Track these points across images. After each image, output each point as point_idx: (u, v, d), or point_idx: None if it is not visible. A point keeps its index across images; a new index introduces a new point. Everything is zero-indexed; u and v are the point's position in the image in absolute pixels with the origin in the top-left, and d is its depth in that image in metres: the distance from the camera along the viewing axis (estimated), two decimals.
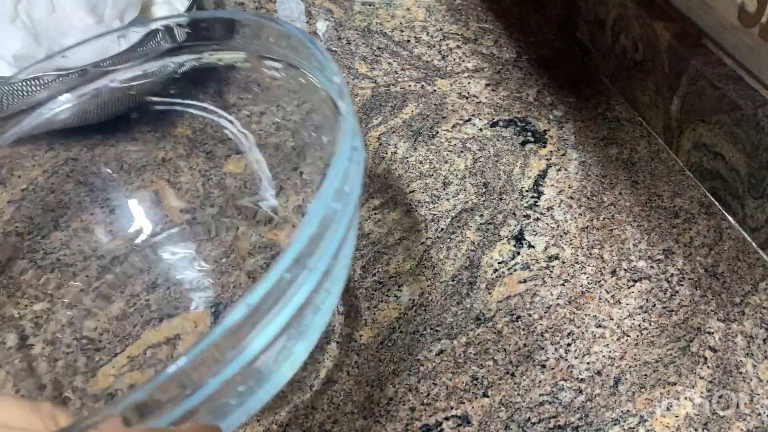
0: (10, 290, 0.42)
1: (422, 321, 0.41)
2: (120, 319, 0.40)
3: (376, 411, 0.37)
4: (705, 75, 0.46)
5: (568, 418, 0.36)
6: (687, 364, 0.39)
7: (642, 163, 0.51)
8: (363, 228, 0.46)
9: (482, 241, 0.45)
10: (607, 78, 0.58)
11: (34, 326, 0.40)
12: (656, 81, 0.51)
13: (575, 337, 0.40)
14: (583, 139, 0.52)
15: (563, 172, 0.50)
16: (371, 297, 0.42)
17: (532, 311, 0.41)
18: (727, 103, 0.44)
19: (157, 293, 0.42)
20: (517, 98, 0.56)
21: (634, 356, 0.39)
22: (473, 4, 0.65)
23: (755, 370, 0.39)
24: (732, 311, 0.41)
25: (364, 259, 0.44)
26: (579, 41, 0.60)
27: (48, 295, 0.41)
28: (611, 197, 0.48)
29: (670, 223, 0.46)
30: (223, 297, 0.41)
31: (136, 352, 0.39)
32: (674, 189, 0.49)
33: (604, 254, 0.44)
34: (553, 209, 0.47)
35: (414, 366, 0.39)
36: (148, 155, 0.47)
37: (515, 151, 0.51)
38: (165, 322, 0.40)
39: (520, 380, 0.38)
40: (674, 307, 0.42)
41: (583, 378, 0.38)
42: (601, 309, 0.41)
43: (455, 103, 0.55)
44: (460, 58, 0.59)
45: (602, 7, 0.56)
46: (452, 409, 0.37)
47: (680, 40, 0.48)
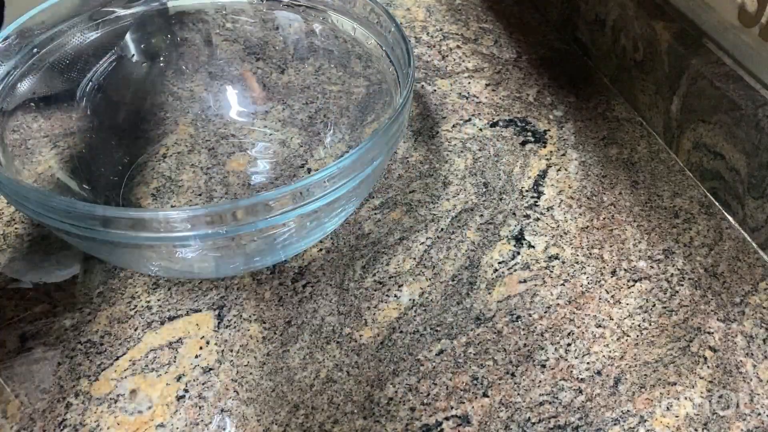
0: (9, 292, 0.42)
1: (422, 321, 0.41)
2: (121, 322, 0.40)
3: (376, 411, 0.37)
4: (705, 75, 0.46)
5: (568, 418, 0.37)
6: (687, 364, 0.39)
7: (642, 163, 0.51)
8: (363, 228, 0.46)
9: (482, 241, 0.45)
10: (607, 78, 0.58)
11: (34, 329, 0.40)
12: (656, 81, 0.51)
13: (575, 337, 0.40)
14: (583, 139, 0.52)
15: (563, 172, 0.50)
16: (371, 297, 0.42)
17: (532, 311, 0.41)
18: (727, 103, 0.44)
19: (158, 293, 0.42)
20: (517, 98, 0.56)
21: (634, 356, 0.39)
22: (473, 4, 0.65)
23: (755, 370, 0.39)
24: (732, 311, 0.41)
25: (364, 259, 0.44)
26: (579, 41, 0.60)
27: (48, 297, 0.42)
28: (611, 197, 0.48)
29: (670, 223, 0.46)
30: (226, 299, 0.42)
31: (138, 355, 0.39)
32: (674, 189, 0.49)
33: (604, 254, 0.44)
34: (553, 209, 0.47)
35: (414, 366, 0.39)
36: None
37: (515, 151, 0.51)
38: (167, 325, 0.40)
39: (520, 380, 0.38)
40: (674, 307, 0.42)
41: (583, 378, 0.38)
42: (601, 309, 0.41)
43: (455, 103, 0.55)
44: (460, 58, 0.59)
45: (602, 7, 0.56)
46: (452, 409, 0.37)
47: (680, 40, 0.48)
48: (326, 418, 0.37)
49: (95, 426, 0.36)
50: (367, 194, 0.44)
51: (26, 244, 0.44)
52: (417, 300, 0.42)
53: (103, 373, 0.38)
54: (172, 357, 0.39)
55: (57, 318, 0.40)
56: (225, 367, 0.38)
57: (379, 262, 0.44)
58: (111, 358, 0.39)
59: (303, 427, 0.36)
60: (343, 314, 0.41)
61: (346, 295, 0.42)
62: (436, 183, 0.49)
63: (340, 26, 0.48)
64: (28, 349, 0.39)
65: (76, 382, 0.38)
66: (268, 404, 0.37)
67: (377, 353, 0.39)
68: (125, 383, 0.38)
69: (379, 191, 0.48)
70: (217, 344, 0.39)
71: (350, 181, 0.37)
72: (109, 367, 0.38)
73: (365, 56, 0.48)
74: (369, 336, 0.40)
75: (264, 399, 0.37)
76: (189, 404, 0.37)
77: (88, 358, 0.39)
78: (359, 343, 0.40)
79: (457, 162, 0.50)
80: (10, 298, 0.41)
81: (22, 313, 0.41)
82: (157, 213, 0.35)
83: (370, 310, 0.41)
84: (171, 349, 0.39)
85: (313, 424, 0.36)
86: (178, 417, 0.36)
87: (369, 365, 0.39)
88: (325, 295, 0.42)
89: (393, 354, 0.39)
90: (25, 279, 0.42)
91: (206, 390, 0.37)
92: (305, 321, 0.41)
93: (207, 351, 0.39)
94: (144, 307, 0.41)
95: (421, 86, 0.56)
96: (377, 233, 0.45)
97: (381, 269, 0.43)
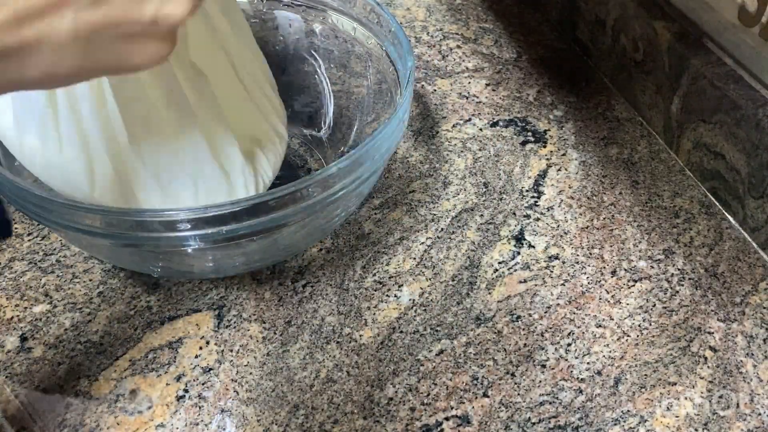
0: (9, 292, 0.42)
1: (422, 321, 0.41)
2: (121, 322, 0.40)
3: (376, 411, 0.37)
4: (705, 75, 0.46)
5: (568, 418, 0.37)
6: (687, 364, 0.39)
7: (642, 163, 0.51)
8: (363, 228, 0.46)
9: (482, 241, 0.45)
10: (608, 78, 0.58)
11: (33, 329, 0.40)
12: (656, 81, 0.51)
13: (575, 337, 0.40)
14: (584, 139, 0.52)
15: (563, 172, 0.50)
16: (371, 297, 0.42)
17: (532, 311, 0.41)
18: (727, 103, 0.44)
19: (158, 293, 0.42)
20: (517, 98, 0.56)
21: (634, 356, 0.39)
22: (473, 4, 0.65)
23: (755, 370, 0.39)
24: (732, 311, 0.41)
25: (364, 259, 0.44)
26: (579, 41, 0.60)
27: (48, 297, 0.41)
28: (611, 197, 0.48)
29: (670, 223, 0.46)
30: (226, 299, 0.42)
31: (137, 355, 0.39)
32: (674, 189, 0.49)
33: (605, 254, 0.44)
34: (554, 209, 0.47)
35: (414, 366, 0.39)
36: None
37: (515, 151, 0.51)
38: (167, 325, 0.40)
39: (520, 380, 0.38)
40: (674, 307, 0.42)
41: (583, 378, 0.38)
42: (601, 309, 0.41)
43: (455, 103, 0.55)
44: (460, 58, 0.59)
45: (602, 6, 0.56)
46: (452, 409, 0.37)
47: (680, 40, 0.48)
48: (326, 418, 0.36)
49: (95, 426, 0.36)
50: (366, 194, 0.44)
51: (26, 244, 0.44)
52: (417, 300, 0.42)
53: (103, 373, 0.38)
54: (172, 357, 0.39)
55: (57, 318, 0.40)
56: (225, 367, 0.38)
57: (379, 262, 0.44)
58: (111, 358, 0.39)
59: (303, 427, 0.36)
60: (343, 314, 0.41)
61: (346, 295, 0.42)
62: (436, 183, 0.49)
63: (340, 26, 0.48)
64: (28, 349, 0.39)
65: (76, 382, 0.38)
66: (268, 404, 0.37)
67: (377, 353, 0.39)
68: (125, 383, 0.38)
69: (379, 191, 0.48)
70: (217, 344, 0.39)
71: (350, 181, 0.37)
72: (109, 367, 0.38)
73: (365, 56, 0.48)
74: (369, 336, 0.40)
75: (264, 399, 0.37)
76: (189, 404, 0.37)
77: (88, 358, 0.39)
78: (359, 343, 0.40)
79: (457, 162, 0.50)
80: (10, 298, 0.41)
81: (22, 313, 0.41)
82: (157, 213, 0.35)
83: (370, 310, 0.41)
84: (171, 349, 0.39)
85: (313, 424, 0.36)
86: (178, 417, 0.36)
87: (369, 365, 0.39)
88: (325, 295, 0.42)
89: (393, 354, 0.39)
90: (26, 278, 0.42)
91: (206, 390, 0.37)
92: (305, 321, 0.41)
93: (207, 351, 0.39)
94: (144, 307, 0.41)
95: (421, 86, 0.56)
96: (377, 233, 0.45)
97: (381, 269, 0.43)
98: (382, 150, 0.38)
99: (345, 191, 0.37)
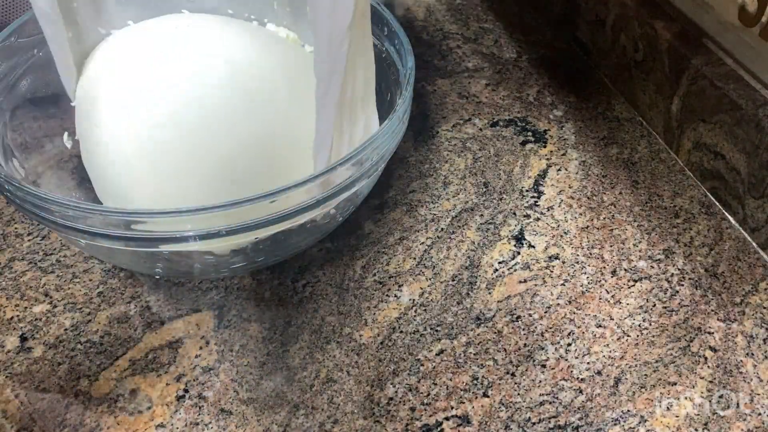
0: (9, 292, 0.42)
1: (422, 321, 0.41)
2: (121, 322, 0.40)
3: (376, 411, 0.37)
4: (705, 75, 0.46)
5: (568, 418, 0.37)
6: (687, 364, 0.39)
7: (642, 163, 0.51)
8: (363, 228, 0.46)
9: (482, 241, 0.45)
10: (608, 78, 0.58)
11: (33, 329, 0.40)
12: (656, 81, 0.51)
13: (575, 337, 0.40)
14: (584, 139, 0.52)
15: (563, 172, 0.50)
16: (371, 297, 0.42)
17: (532, 311, 0.41)
18: (727, 103, 0.44)
19: (158, 293, 0.42)
20: (517, 98, 0.56)
21: (634, 356, 0.39)
22: (473, 4, 0.65)
23: (755, 370, 0.39)
24: (732, 311, 0.41)
25: (364, 259, 0.44)
26: (579, 41, 0.60)
27: (48, 297, 0.42)
28: (611, 197, 0.48)
29: (670, 223, 0.46)
30: (226, 299, 0.42)
31: (137, 355, 0.39)
32: (674, 189, 0.49)
33: (605, 254, 0.44)
34: (554, 209, 0.47)
35: (414, 366, 0.39)
36: None
37: (515, 150, 0.51)
38: (167, 325, 0.40)
39: (520, 380, 0.38)
40: (674, 307, 0.42)
41: (583, 378, 0.38)
42: (602, 309, 0.41)
43: (455, 103, 0.55)
44: (460, 58, 0.59)
45: (602, 6, 0.56)
46: (452, 409, 0.37)
47: (681, 39, 0.48)
48: (326, 418, 0.36)
49: (95, 426, 0.36)
50: (366, 194, 0.44)
51: (26, 244, 0.44)
52: (417, 300, 0.42)
53: (103, 373, 0.38)
54: (172, 357, 0.39)
55: (57, 318, 0.40)
56: (225, 367, 0.38)
57: (379, 262, 0.44)
58: (111, 358, 0.39)
59: (303, 427, 0.36)
60: (343, 314, 0.41)
61: (346, 295, 0.42)
62: (436, 183, 0.49)
63: None
64: (28, 349, 0.39)
65: (76, 382, 0.38)
66: (268, 404, 0.37)
67: (377, 353, 0.39)
68: (125, 383, 0.38)
69: (379, 191, 0.48)
70: (217, 344, 0.39)
71: (350, 181, 0.37)
72: (109, 367, 0.38)
73: None
74: (369, 336, 0.40)
75: (264, 399, 0.37)
76: (189, 404, 0.37)
77: (88, 358, 0.39)
78: (359, 343, 0.40)
79: (457, 162, 0.50)
80: (10, 298, 0.41)
81: (22, 313, 0.41)
82: (156, 213, 0.35)
83: (370, 310, 0.41)
84: (171, 349, 0.39)
85: (313, 424, 0.36)
86: (178, 417, 0.36)
87: (369, 365, 0.39)
88: (325, 295, 0.42)
89: (393, 354, 0.39)
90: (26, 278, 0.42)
91: (206, 390, 0.37)
92: (305, 321, 0.41)
93: (207, 351, 0.39)
94: (144, 307, 0.41)
95: (421, 86, 0.56)
96: (377, 233, 0.45)
97: (381, 269, 0.43)
98: (382, 150, 0.38)
99: (345, 191, 0.37)
